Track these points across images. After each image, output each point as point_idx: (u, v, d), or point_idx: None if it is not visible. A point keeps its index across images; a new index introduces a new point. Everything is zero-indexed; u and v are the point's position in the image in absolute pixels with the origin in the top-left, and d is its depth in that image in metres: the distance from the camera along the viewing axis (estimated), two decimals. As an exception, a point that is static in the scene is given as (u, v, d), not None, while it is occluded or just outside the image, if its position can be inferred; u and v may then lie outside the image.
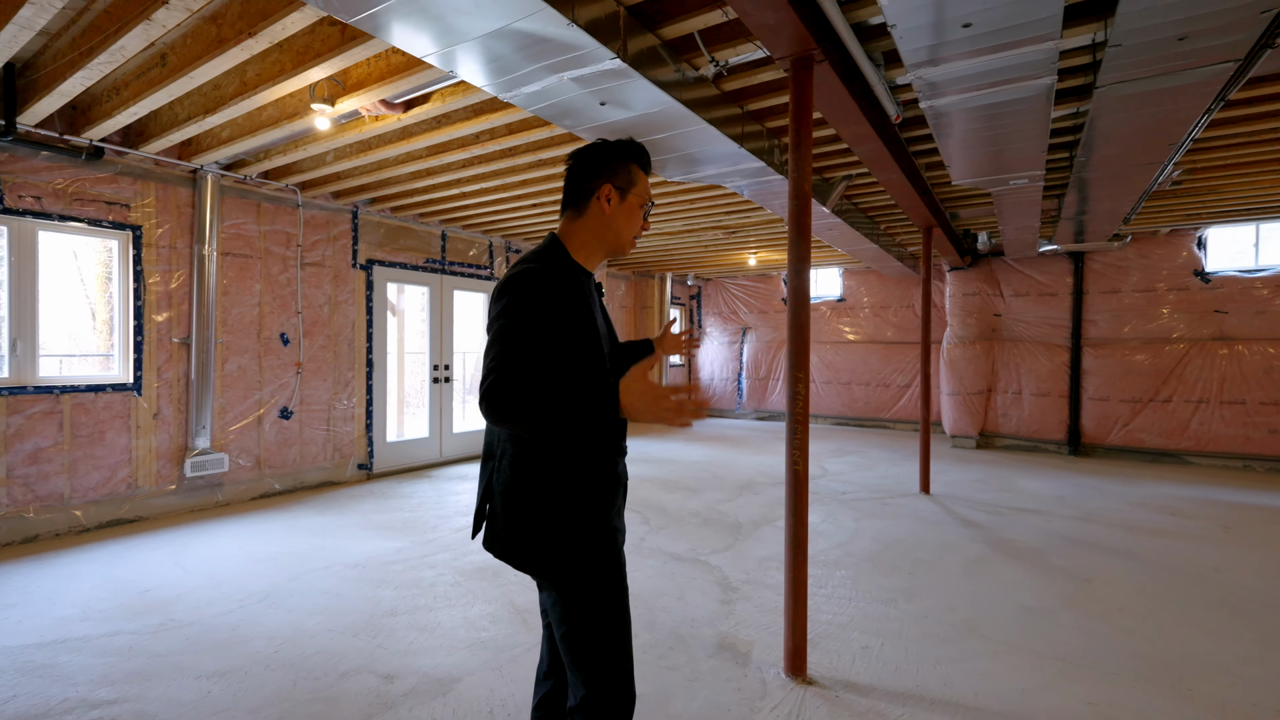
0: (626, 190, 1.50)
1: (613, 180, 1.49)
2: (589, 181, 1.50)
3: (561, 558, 1.38)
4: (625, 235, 1.53)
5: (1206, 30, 2.36)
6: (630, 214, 1.52)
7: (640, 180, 1.53)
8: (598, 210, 1.50)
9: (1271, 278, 6.97)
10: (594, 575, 1.40)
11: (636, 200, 1.52)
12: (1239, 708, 2.33)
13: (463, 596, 3.34)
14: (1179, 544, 4.28)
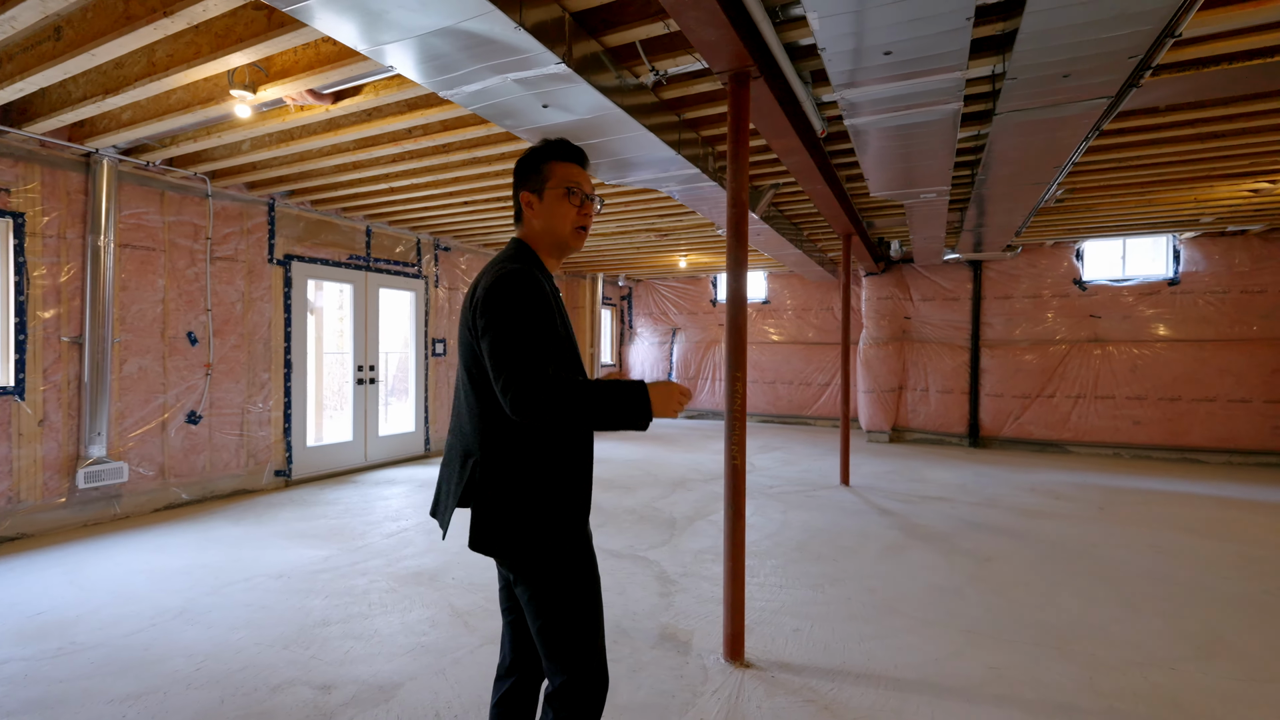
0: (541, 188, 1.53)
1: (527, 186, 1.54)
2: (515, 195, 1.58)
3: (540, 553, 1.42)
4: (560, 229, 1.53)
5: (1086, 70, 2.68)
6: (553, 208, 1.52)
7: (557, 171, 1.53)
8: (529, 217, 1.55)
9: (1136, 286, 7.88)
10: (571, 569, 1.44)
11: (556, 191, 1.52)
12: (1110, 662, 2.67)
13: (399, 602, 3.27)
14: (1062, 524, 4.79)
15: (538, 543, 1.41)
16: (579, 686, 1.43)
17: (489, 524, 1.42)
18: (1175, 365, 7.58)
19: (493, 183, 5.26)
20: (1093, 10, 2.21)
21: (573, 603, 1.44)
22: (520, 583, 1.46)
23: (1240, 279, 7.37)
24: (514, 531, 1.41)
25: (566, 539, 1.44)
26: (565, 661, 1.43)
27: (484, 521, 1.42)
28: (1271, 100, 3.60)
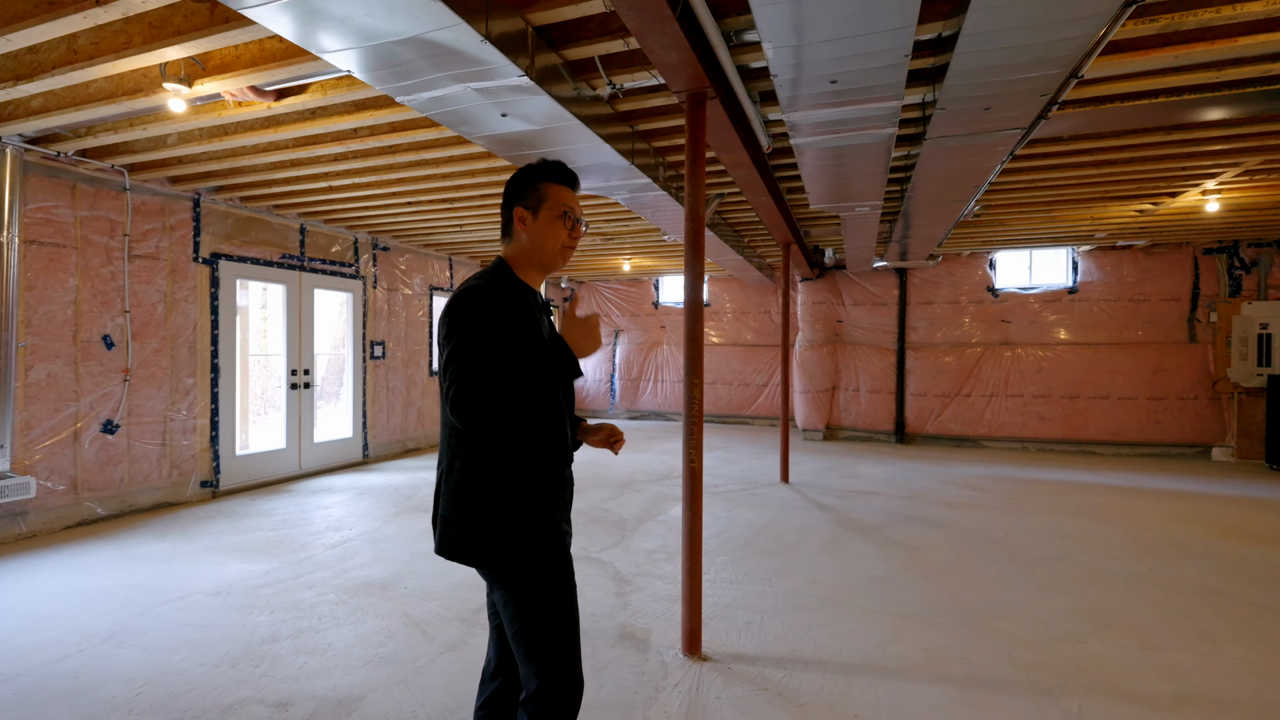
0: (537, 207, 1.58)
1: (522, 203, 1.59)
2: (507, 210, 1.62)
3: (514, 557, 1.46)
4: (548, 248, 1.59)
5: (1004, 104, 2.97)
6: (546, 227, 1.58)
7: (552, 193, 1.59)
8: (520, 232, 1.60)
9: (1041, 294, 8.61)
10: (545, 573, 1.49)
11: (551, 213, 1.58)
12: (1025, 637, 2.96)
13: (351, 614, 3.20)
14: (980, 514, 5.21)
15: (508, 550, 1.45)
16: (553, 690, 1.47)
17: (457, 532, 1.46)
18: (1074, 366, 8.34)
19: (439, 184, 5.19)
20: (1012, 54, 2.46)
21: (547, 608, 1.48)
22: (496, 588, 1.51)
23: (1128, 288, 8.20)
24: (482, 539, 1.45)
25: (540, 545, 1.48)
26: (540, 665, 1.47)
27: (450, 528, 1.47)
28: (1156, 134, 4.07)
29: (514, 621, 1.48)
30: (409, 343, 8.17)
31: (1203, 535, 4.63)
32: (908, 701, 2.43)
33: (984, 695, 2.47)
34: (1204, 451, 7.94)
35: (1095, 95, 3.44)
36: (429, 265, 8.55)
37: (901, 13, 2.14)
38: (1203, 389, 7.90)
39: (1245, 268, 7.77)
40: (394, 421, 7.93)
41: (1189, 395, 7.94)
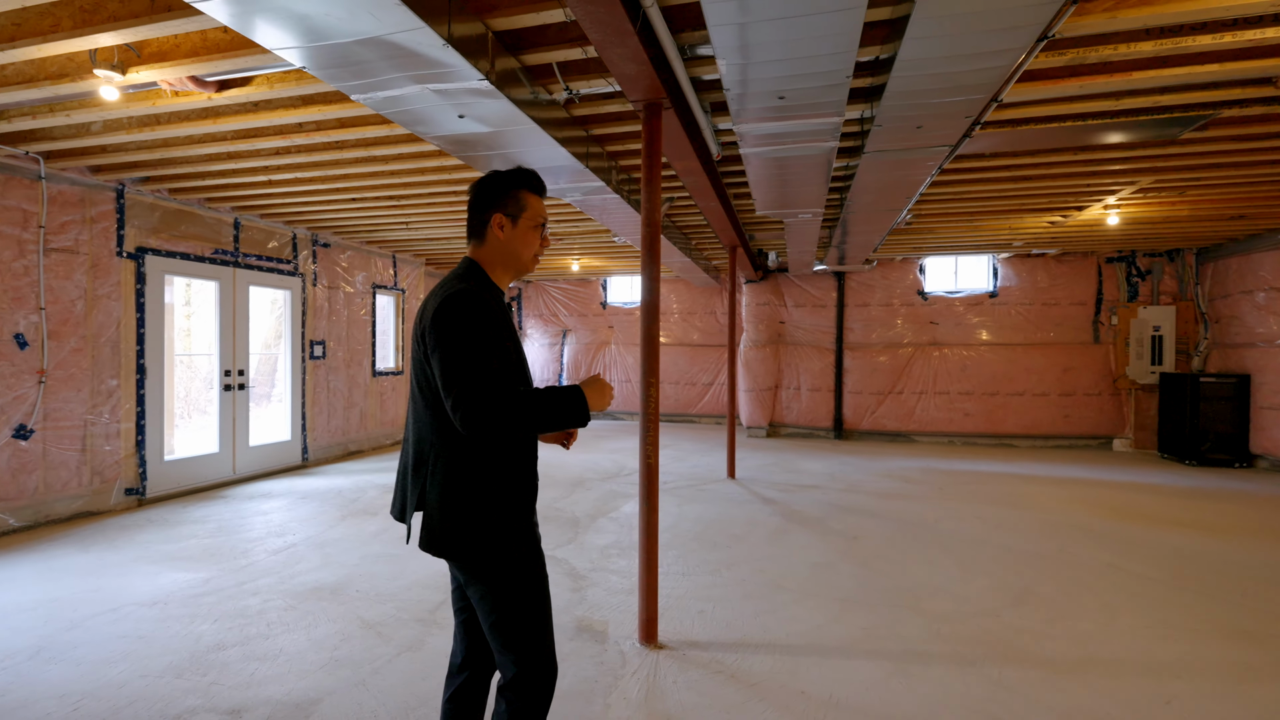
0: (517, 216, 1.62)
1: (503, 210, 1.62)
2: (483, 214, 1.63)
3: (491, 554, 1.51)
4: (524, 256, 1.65)
5: (934, 123, 3.22)
6: (525, 236, 1.63)
7: (531, 204, 1.64)
8: (494, 238, 1.62)
9: (966, 297, 9.20)
10: (520, 567, 1.55)
11: (529, 223, 1.63)
12: (951, 614, 3.23)
13: (301, 620, 3.14)
14: (911, 504, 5.56)
15: (488, 545, 1.50)
16: (531, 676, 1.53)
17: (440, 528, 1.50)
18: (994, 365, 8.96)
19: (387, 181, 5.10)
20: (941, 80, 2.69)
21: (523, 598, 1.53)
22: (472, 583, 1.54)
23: (1041, 293, 8.88)
24: (465, 535, 1.49)
25: (515, 539, 1.53)
26: (518, 653, 1.53)
27: (435, 526, 1.51)
28: (1065, 154, 4.47)
29: (492, 613, 1.54)
30: (351, 342, 7.94)
31: (1103, 518, 5.12)
32: (849, 676, 2.61)
33: (916, 668, 2.69)
34: (1106, 442, 8.70)
35: (1013, 117, 3.76)
36: (372, 263, 8.33)
37: (844, 39, 2.31)
38: (1105, 386, 8.65)
39: (1141, 275, 8.56)
40: (335, 423, 7.69)
41: (1094, 392, 8.68)
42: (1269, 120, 3.78)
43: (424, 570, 3.83)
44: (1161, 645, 2.91)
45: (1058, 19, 2.40)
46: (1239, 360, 7.58)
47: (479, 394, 1.40)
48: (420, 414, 1.57)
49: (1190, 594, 3.52)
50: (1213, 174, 4.84)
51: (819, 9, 2.09)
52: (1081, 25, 2.64)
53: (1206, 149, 4.27)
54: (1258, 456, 7.37)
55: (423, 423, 1.56)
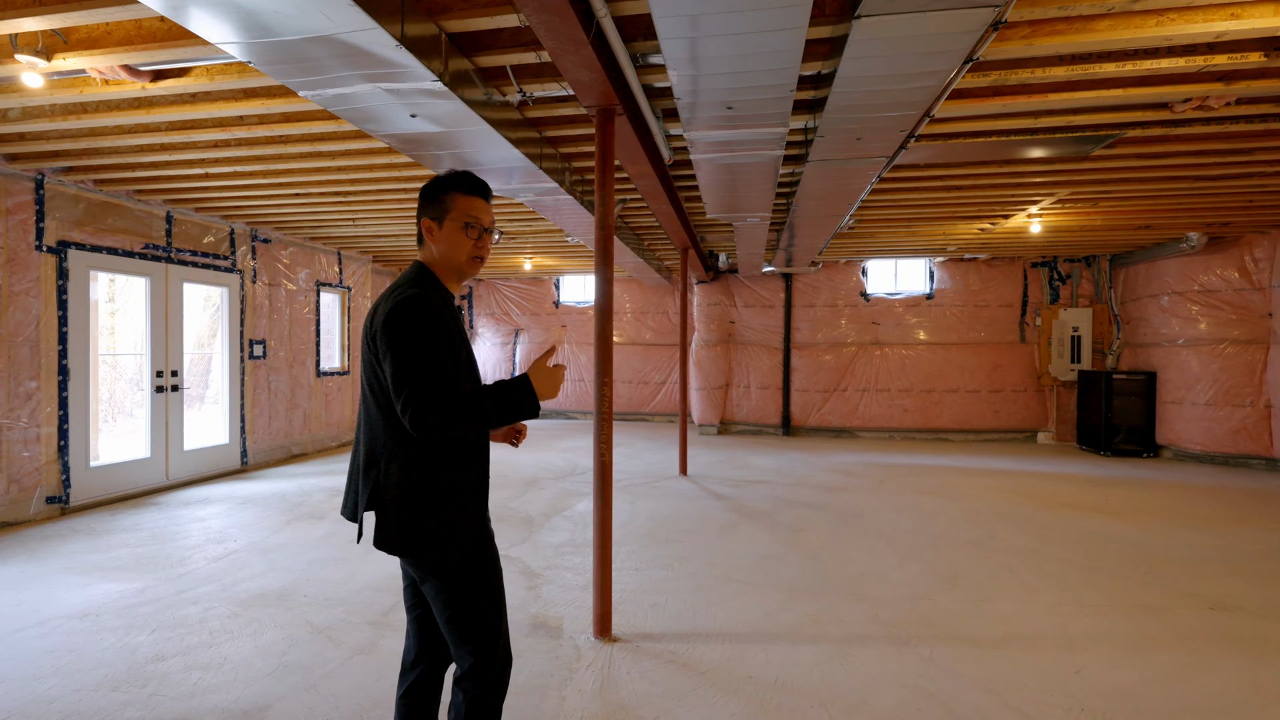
0: (442, 218, 1.63)
1: (428, 213, 1.65)
2: (417, 221, 1.69)
3: (444, 550, 1.54)
4: (456, 256, 1.64)
5: (872, 136, 3.40)
6: (451, 236, 1.62)
7: (459, 204, 1.63)
8: (429, 242, 1.65)
9: (905, 299, 9.64)
10: (473, 561, 1.59)
11: (455, 223, 1.62)
12: (888, 600, 3.42)
13: (246, 627, 3.06)
14: (854, 496, 5.82)
15: (441, 541, 1.53)
16: (487, 666, 1.59)
17: (395, 527, 1.53)
18: (930, 363, 9.43)
19: (334, 177, 4.98)
20: (878, 96, 2.86)
21: (477, 592, 1.58)
22: (427, 579, 1.57)
23: (973, 296, 9.39)
24: (418, 532, 1.52)
25: (468, 535, 1.57)
26: (474, 644, 1.57)
27: (389, 524, 1.53)
28: (991, 166, 4.77)
29: (447, 607, 1.57)
30: (293, 341, 7.68)
31: (1025, 506, 5.49)
32: (793, 660, 2.75)
33: (855, 649, 2.86)
34: (1031, 436, 9.29)
35: (944, 131, 4.00)
36: (316, 259, 8.08)
37: (787, 56, 2.43)
38: (1030, 383, 9.23)
39: (1062, 279, 9.17)
40: (277, 425, 7.43)
41: (1020, 388, 9.24)
42: (1168, 140, 4.16)
43: (375, 573, 3.78)
44: (1074, 621, 3.18)
45: (981, 43, 2.59)
46: (1146, 359, 8.24)
47: (427, 393, 1.43)
48: (372, 415, 1.59)
49: (1101, 574, 3.84)
50: (1121, 187, 5.27)
51: (764, 27, 2.21)
52: (1002, 50, 2.86)
53: (1115, 165, 4.64)
54: (1163, 447, 8.03)
55: (374, 424, 1.58)
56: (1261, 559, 4.13)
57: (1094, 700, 2.45)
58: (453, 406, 1.45)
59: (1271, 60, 2.97)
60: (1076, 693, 2.50)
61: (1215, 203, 5.73)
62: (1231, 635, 3.02)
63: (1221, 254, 7.35)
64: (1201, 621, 3.18)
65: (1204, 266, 7.47)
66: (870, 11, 2.15)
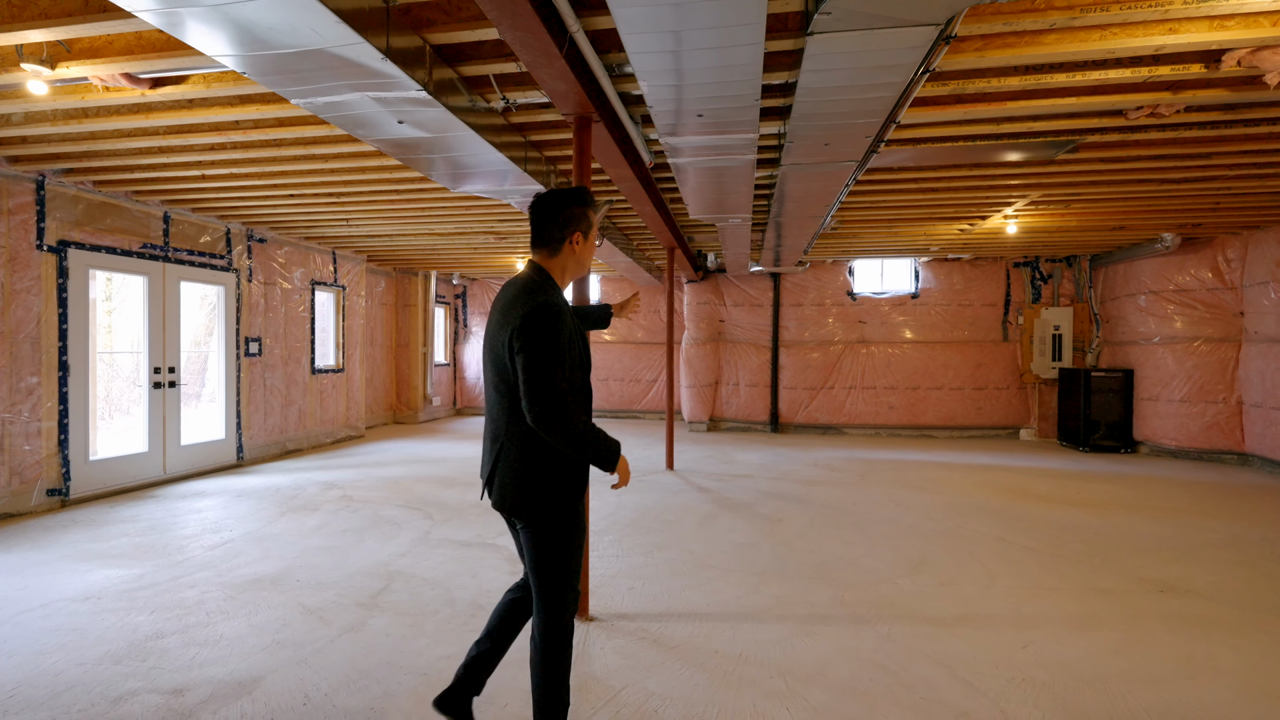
0: (587, 233, 1.99)
1: (580, 227, 1.96)
2: (561, 230, 1.94)
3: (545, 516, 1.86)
4: (588, 265, 2.04)
5: (839, 142, 3.57)
6: (590, 248, 2.01)
7: (593, 221, 2.00)
8: (569, 250, 1.96)
9: (891, 298, 9.82)
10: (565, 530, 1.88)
11: (592, 237, 2.02)
12: (855, 584, 3.59)
13: (241, 608, 3.22)
14: (834, 490, 5.99)
15: (541, 508, 1.86)
16: (556, 615, 1.89)
17: (510, 493, 1.87)
18: (916, 361, 9.61)
19: (327, 179, 5.14)
20: (839, 104, 3.03)
21: (557, 556, 1.88)
22: (527, 535, 1.89)
23: (957, 295, 9.57)
24: (526, 500, 1.86)
25: (562, 507, 1.87)
26: (543, 597, 1.88)
27: (507, 491, 1.88)
28: (965, 170, 4.94)
29: (535, 560, 1.88)
30: (289, 339, 7.82)
31: (1000, 498, 5.67)
32: (759, 637, 2.92)
33: (818, 628, 3.02)
34: (1014, 432, 9.47)
35: (913, 136, 4.17)
36: (311, 259, 8.22)
37: (749, 68, 2.60)
38: (1013, 380, 9.42)
39: (1044, 279, 9.36)
40: (272, 422, 7.57)
41: (1003, 386, 9.43)
42: (1127, 145, 4.33)
43: (365, 560, 3.94)
44: (1029, 602, 3.35)
45: (934, 56, 2.76)
46: (1124, 357, 8.43)
47: (550, 401, 1.74)
48: (495, 400, 1.92)
49: (1062, 561, 4.02)
50: (1089, 190, 5.44)
51: (723, 43, 2.37)
52: (957, 61, 3.02)
53: (1081, 169, 4.82)
54: (1139, 443, 8.22)
55: (498, 408, 1.91)
56: (1218, 547, 4.31)
57: (1036, 672, 2.62)
58: (566, 424, 1.75)
59: (1212, 71, 3.14)
60: (1020, 665, 2.67)
61: (1182, 205, 5.91)
62: (1176, 615, 3.20)
63: (1195, 254, 7.54)
64: (1149, 603, 3.36)
65: (1179, 266, 7.65)
66: (821, 29, 2.31)
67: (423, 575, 3.70)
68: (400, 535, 4.49)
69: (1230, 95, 3.39)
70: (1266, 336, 6.81)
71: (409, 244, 8.37)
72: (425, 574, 3.72)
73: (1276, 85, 3.22)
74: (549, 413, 1.73)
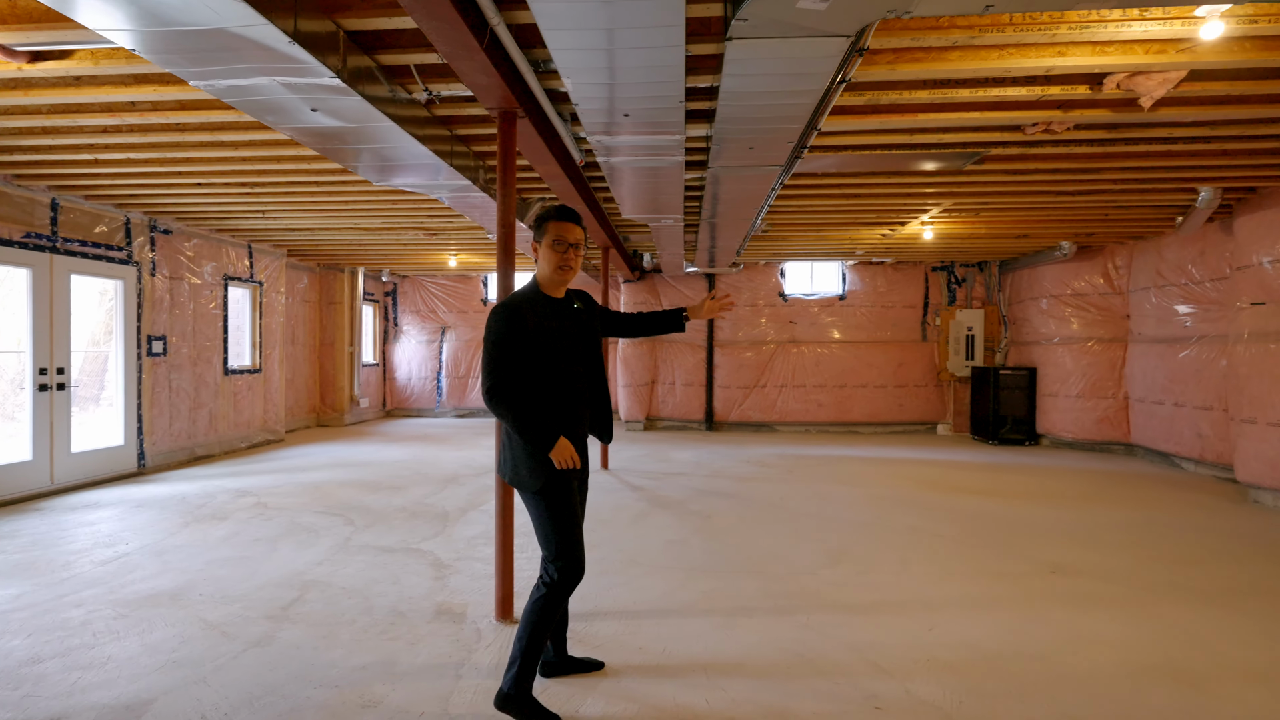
0: (541, 239, 2.29)
1: (535, 237, 2.32)
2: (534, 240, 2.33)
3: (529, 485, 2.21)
4: (547, 269, 2.29)
5: (762, 146, 3.67)
6: (545, 254, 2.28)
7: (550, 229, 2.26)
8: (538, 257, 2.31)
9: (820, 300, 10.17)
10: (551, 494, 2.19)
11: (547, 243, 2.27)
12: (780, 576, 3.70)
13: (134, 627, 2.99)
14: (764, 485, 6.15)
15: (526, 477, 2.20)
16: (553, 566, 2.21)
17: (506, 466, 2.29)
18: (843, 360, 9.99)
19: (239, 167, 4.85)
20: (760, 110, 3.11)
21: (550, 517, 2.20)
22: (525, 500, 2.24)
23: (880, 297, 10.02)
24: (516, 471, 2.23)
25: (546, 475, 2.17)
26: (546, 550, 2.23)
27: (503, 464, 2.32)
28: (884, 177, 5.17)
29: (533, 521, 2.25)
30: (198, 338, 7.33)
31: (917, 490, 5.97)
32: (683, 631, 2.96)
33: (742, 619, 3.09)
34: (932, 427, 10.00)
35: (834, 144, 4.33)
36: (223, 252, 7.73)
37: (671, 70, 2.63)
38: (931, 378, 9.95)
39: (959, 283, 9.93)
40: (179, 426, 7.07)
41: (922, 383, 9.94)
42: (1026, 159, 4.65)
43: (278, 569, 3.74)
44: (937, 587, 3.55)
45: (849, 66, 2.87)
46: (1029, 356, 9.05)
47: (488, 385, 2.14)
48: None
49: (969, 547, 4.27)
50: (996, 199, 5.82)
51: (644, 44, 2.39)
52: (871, 73, 3.16)
53: (988, 179, 5.14)
54: (1042, 435, 8.85)
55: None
56: (1106, 530, 4.70)
57: (941, 652, 2.77)
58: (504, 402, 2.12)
59: (1096, 93, 3.42)
60: (927, 646, 2.82)
61: (1077, 215, 6.41)
62: (1067, 594, 3.46)
63: (1089, 261, 8.19)
64: (1045, 584, 3.62)
65: (1075, 273, 8.29)
66: (739, 34, 2.37)
67: (340, 584, 3.54)
68: (318, 543, 4.28)
69: (1112, 115, 3.69)
70: (1148, 337, 7.48)
71: (333, 239, 8.01)
72: (343, 582, 3.57)
73: (1150, 108, 3.54)
74: (486, 393, 2.14)
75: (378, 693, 2.42)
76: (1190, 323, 6.75)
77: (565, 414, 2.23)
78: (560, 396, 2.22)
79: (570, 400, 2.26)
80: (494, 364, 2.12)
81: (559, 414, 2.21)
